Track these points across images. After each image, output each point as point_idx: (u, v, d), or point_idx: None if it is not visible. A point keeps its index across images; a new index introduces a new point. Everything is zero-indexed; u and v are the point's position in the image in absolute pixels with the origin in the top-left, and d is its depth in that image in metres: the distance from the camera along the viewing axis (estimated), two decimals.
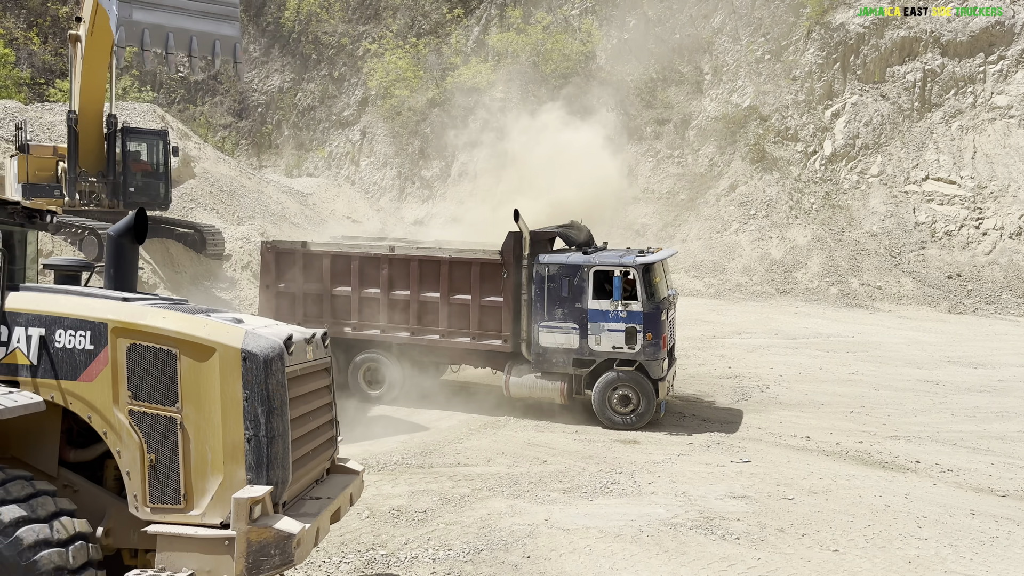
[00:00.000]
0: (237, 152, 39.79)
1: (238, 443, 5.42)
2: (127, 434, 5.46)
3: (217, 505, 5.40)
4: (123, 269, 6.50)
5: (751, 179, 34.10)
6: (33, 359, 5.60)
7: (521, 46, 37.84)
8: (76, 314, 5.61)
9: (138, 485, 5.44)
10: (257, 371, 5.45)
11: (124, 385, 5.50)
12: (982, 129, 32.36)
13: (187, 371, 5.49)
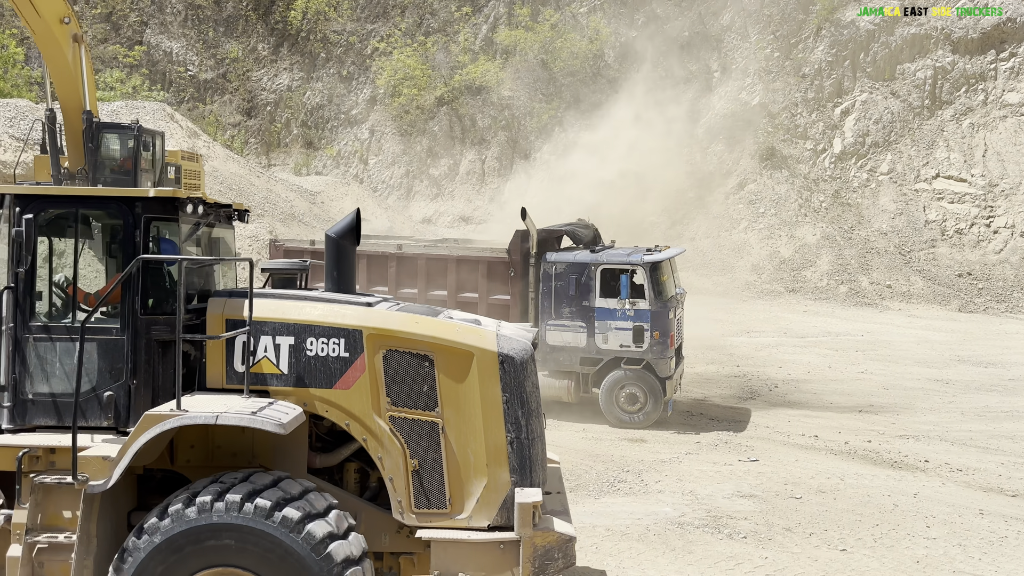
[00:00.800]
0: (246, 151, 39.92)
1: (500, 446, 5.44)
2: (388, 440, 5.45)
3: (483, 508, 5.42)
4: (345, 271, 6.43)
5: (760, 177, 33.98)
6: (283, 368, 5.53)
7: (529, 44, 37.80)
8: (328, 322, 5.56)
9: (403, 490, 5.44)
10: (515, 373, 5.49)
11: (383, 392, 5.50)
12: (993, 127, 32.15)
13: (444, 376, 5.50)
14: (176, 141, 24.75)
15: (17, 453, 5.26)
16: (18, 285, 5.49)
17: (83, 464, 5.09)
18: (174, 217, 5.79)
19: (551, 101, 37.42)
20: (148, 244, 5.64)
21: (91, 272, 6.59)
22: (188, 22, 42.71)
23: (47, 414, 5.57)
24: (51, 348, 5.60)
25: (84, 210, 5.81)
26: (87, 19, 41.56)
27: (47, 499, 5.22)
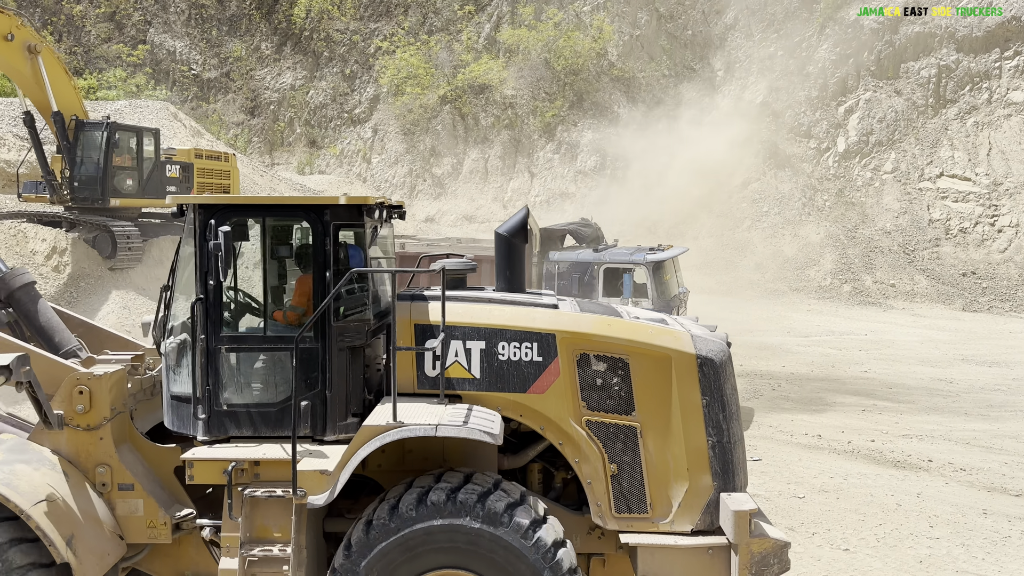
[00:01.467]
0: (249, 150, 39.96)
1: (701, 450, 5.40)
2: (586, 445, 5.42)
3: (685, 513, 5.40)
4: (516, 270, 6.36)
5: (764, 176, 33.92)
6: (475, 372, 5.50)
7: (532, 43, 37.78)
8: (519, 326, 5.52)
9: (602, 495, 5.42)
10: (715, 376, 5.43)
11: (578, 396, 5.46)
12: (997, 125, 32.05)
13: (641, 379, 5.45)
14: (180, 140, 24.77)
15: (223, 466, 5.30)
16: (208, 296, 5.47)
17: (300, 478, 5.11)
18: (360, 223, 5.77)
19: (554, 100, 37.39)
20: (337, 251, 5.60)
21: (252, 279, 6.50)
22: (191, 21, 42.77)
23: (241, 425, 5.58)
24: (243, 358, 5.60)
25: (271, 219, 5.80)
26: (91, 18, 41.66)
27: (254, 511, 5.26)
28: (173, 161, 19.66)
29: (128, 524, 5.63)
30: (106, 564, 5.50)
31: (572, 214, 34.95)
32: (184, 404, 5.62)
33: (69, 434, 5.62)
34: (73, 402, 5.57)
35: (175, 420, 5.74)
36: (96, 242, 17.21)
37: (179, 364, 5.67)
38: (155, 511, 5.64)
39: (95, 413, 5.60)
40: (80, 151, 17.56)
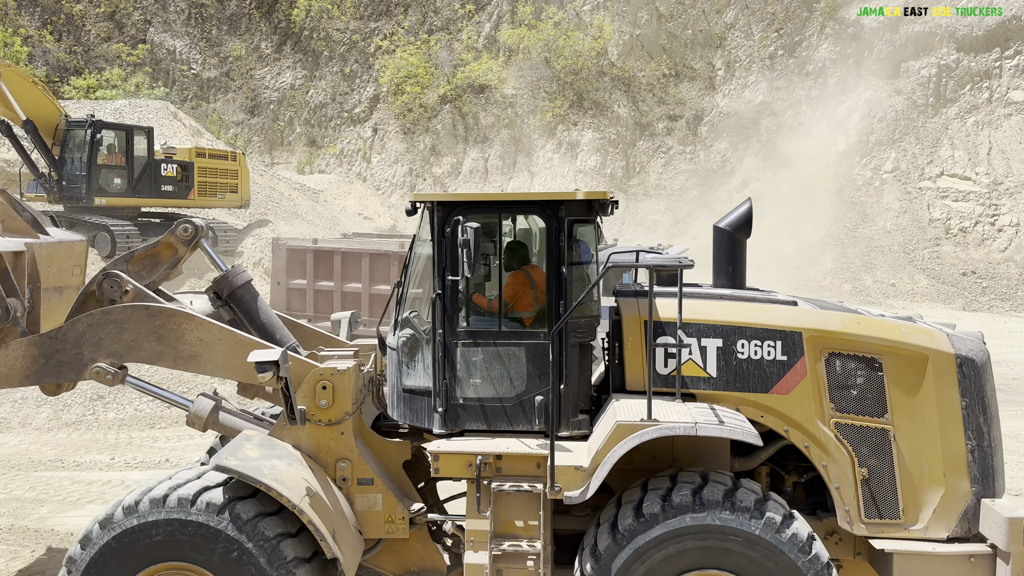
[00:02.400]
0: (249, 149, 39.95)
1: (959, 454, 5.26)
2: (835, 448, 5.29)
3: (941, 519, 5.26)
4: (739, 265, 6.27)
5: (764, 175, 33.91)
6: (711, 371, 5.43)
7: (532, 42, 37.76)
8: (760, 323, 5.42)
9: (851, 500, 5.31)
10: (975, 377, 5.29)
11: (826, 397, 5.32)
12: (998, 125, 32.04)
13: (894, 380, 5.30)
14: (179, 139, 24.76)
15: (469, 460, 5.32)
16: (446, 292, 5.52)
17: (556, 474, 5.11)
18: (592, 218, 5.80)
19: (554, 99, 37.38)
20: (572, 247, 5.62)
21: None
22: (191, 20, 42.75)
23: (477, 419, 5.60)
24: (478, 353, 5.60)
25: (507, 214, 5.85)
26: (91, 17, 41.65)
27: (500, 505, 5.28)
28: (171, 160, 19.57)
29: (367, 519, 5.66)
30: (357, 559, 5.56)
31: None
32: (418, 397, 5.68)
33: (310, 429, 5.63)
34: (316, 397, 5.59)
35: (407, 413, 5.79)
36: (95, 241, 17.18)
37: (413, 358, 5.72)
38: (393, 505, 5.66)
39: (338, 408, 5.63)
40: (65, 150, 17.54)
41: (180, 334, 5.83)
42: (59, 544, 8.27)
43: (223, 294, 6.57)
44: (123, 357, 5.88)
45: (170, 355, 5.86)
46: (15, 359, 5.84)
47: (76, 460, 10.95)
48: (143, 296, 6.16)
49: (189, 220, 6.60)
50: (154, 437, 12.15)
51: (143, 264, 6.57)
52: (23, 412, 12.76)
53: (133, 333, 5.82)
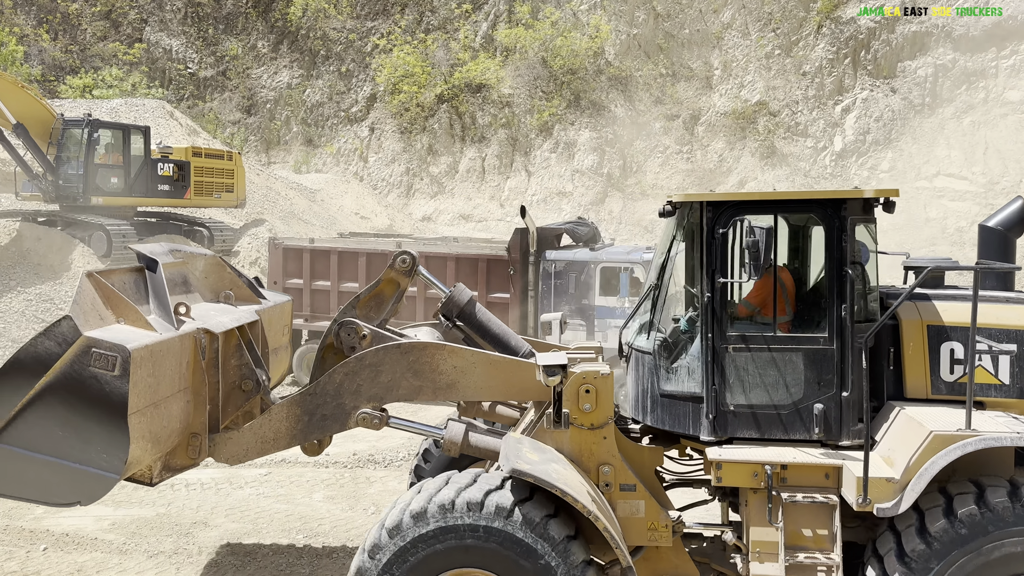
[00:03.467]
0: (245, 148, 39.89)
1: None
2: None
3: None
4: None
5: (761, 175, 33.94)
6: (1003, 378, 5.27)
7: (529, 41, 37.75)
8: None
9: None
10: None
11: None
12: (994, 124, 32.09)
13: None
14: (176, 139, 24.70)
15: (753, 469, 5.26)
16: (715, 295, 5.43)
17: (859, 485, 5.01)
18: (872, 217, 5.68)
19: (551, 99, 37.37)
20: (853, 247, 5.47)
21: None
22: (188, 19, 42.68)
23: (748, 426, 5.51)
24: (752, 358, 5.50)
25: (783, 214, 5.70)
26: (86, 16, 41.55)
27: (791, 516, 5.22)
28: (167, 159, 19.53)
29: (629, 525, 5.57)
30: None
31: (569, 213, 34.96)
32: (679, 403, 5.61)
33: (572, 433, 5.57)
34: (580, 401, 5.53)
35: (666, 419, 5.73)
36: (91, 241, 17.14)
37: (674, 362, 5.66)
38: (656, 513, 5.57)
39: (600, 412, 5.56)
40: (61, 149, 17.47)
41: (435, 365, 5.79)
42: (54, 545, 8.25)
43: (452, 315, 6.58)
44: (384, 399, 5.88)
45: (428, 388, 5.83)
46: (279, 422, 5.86)
47: None
48: (380, 337, 6.17)
49: (406, 252, 6.56)
50: None
51: (369, 306, 6.60)
52: None
53: (389, 374, 5.80)
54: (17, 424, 4.93)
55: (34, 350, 4.93)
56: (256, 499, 9.49)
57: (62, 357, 4.87)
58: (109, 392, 4.83)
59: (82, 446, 4.90)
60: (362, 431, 12.42)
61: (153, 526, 8.69)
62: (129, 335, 5.06)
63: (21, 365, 4.94)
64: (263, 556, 7.99)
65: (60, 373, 4.88)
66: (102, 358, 4.83)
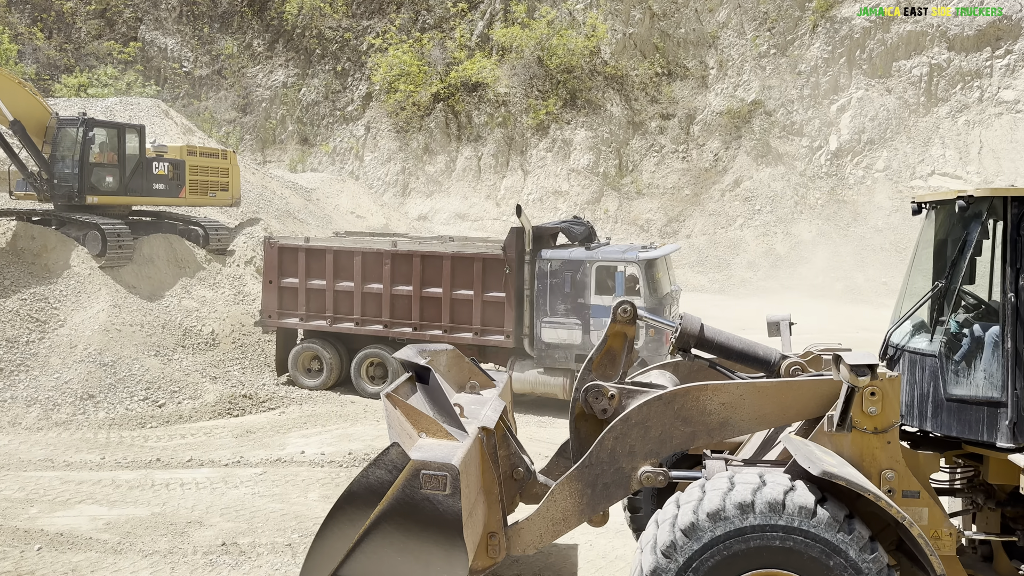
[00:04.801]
0: (241, 147, 39.82)
1: None
2: None
3: None
4: None
5: (756, 174, 33.99)
6: None
7: (525, 41, 37.75)
8: None
9: None
10: None
11: None
12: (989, 124, 32.18)
13: None
14: (171, 137, 24.64)
15: None
16: (1019, 295, 5.26)
17: None
18: None
19: (547, 98, 37.37)
20: None
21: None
22: (183, 18, 42.58)
23: None
24: None
25: None
26: (81, 15, 41.43)
27: None
28: (162, 158, 19.49)
29: None
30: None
31: (565, 212, 34.98)
32: (971, 408, 5.42)
33: (854, 437, 5.45)
34: (865, 404, 5.40)
35: (952, 424, 5.55)
36: (86, 240, 17.09)
37: (965, 366, 5.46)
38: (939, 520, 5.43)
39: (885, 416, 5.41)
40: (56, 148, 17.42)
41: (702, 407, 5.68)
42: (49, 544, 8.23)
43: (690, 347, 6.40)
44: (659, 454, 5.77)
45: (702, 432, 5.71)
46: (563, 500, 5.80)
47: (66, 460, 10.89)
48: (628, 393, 6.13)
49: (625, 301, 6.52)
50: (145, 436, 12.10)
51: (604, 364, 6.53)
52: (12, 412, 12.68)
53: (659, 427, 5.72)
54: (356, 556, 4.97)
55: (366, 480, 4.99)
56: (251, 498, 9.48)
57: (393, 484, 4.94)
58: (443, 512, 4.89)
59: (422, 569, 4.96)
60: (359, 428, 12.43)
61: (148, 525, 8.67)
62: (444, 450, 5.14)
63: (355, 497, 4.99)
64: (258, 555, 7.98)
65: (393, 500, 4.95)
66: (433, 479, 4.91)
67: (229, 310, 16.99)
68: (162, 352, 14.91)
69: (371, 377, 14.57)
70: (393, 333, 14.18)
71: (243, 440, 11.92)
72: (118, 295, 15.96)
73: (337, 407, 13.84)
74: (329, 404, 14.03)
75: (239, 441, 11.87)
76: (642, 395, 6.05)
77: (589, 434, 6.23)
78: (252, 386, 14.78)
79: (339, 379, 14.89)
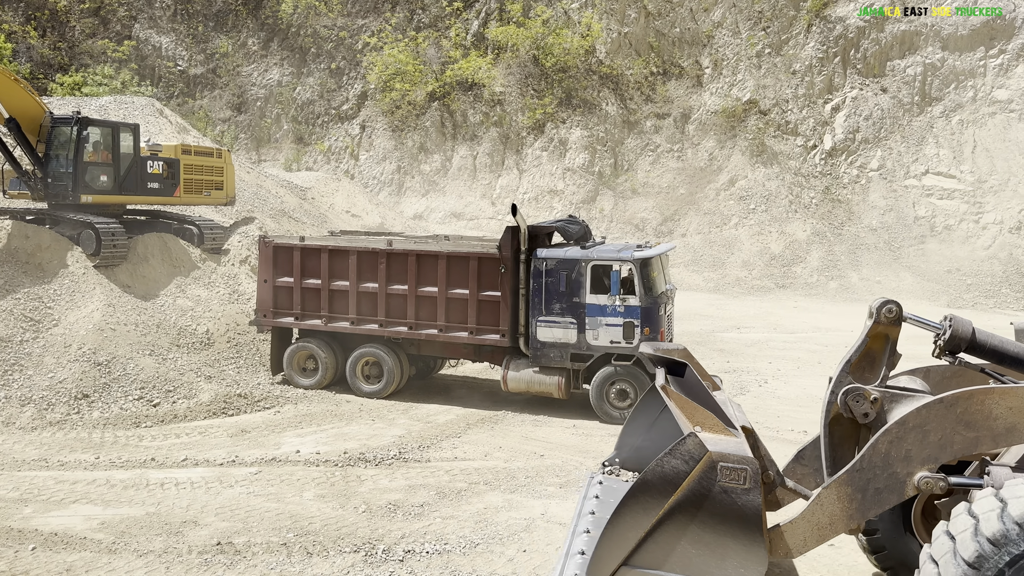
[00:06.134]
0: (236, 146, 39.74)
1: None
2: None
3: None
4: None
5: (751, 173, 34.05)
6: None
7: (521, 40, 37.75)
8: None
9: None
10: None
11: None
12: (982, 123, 32.30)
13: None
14: (165, 136, 24.58)
15: None
16: None
17: None
18: None
19: (543, 97, 37.38)
20: None
21: None
22: (177, 17, 42.46)
23: None
24: None
25: None
26: (75, 13, 41.28)
27: None
28: (157, 157, 19.43)
29: None
30: None
31: (560, 211, 35.00)
32: None
33: None
34: None
35: None
36: (80, 239, 17.04)
37: None
38: None
39: None
40: (50, 147, 17.34)
41: (987, 412, 5.46)
42: (43, 544, 8.21)
43: (960, 349, 6.14)
44: (937, 459, 5.58)
45: (986, 438, 5.51)
46: (831, 505, 5.62)
47: (60, 459, 10.87)
48: (892, 396, 5.97)
49: (890, 301, 6.27)
50: (139, 436, 12.08)
51: (862, 367, 6.37)
52: (7, 411, 12.65)
53: (938, 432, 5.52)
54: (648, 545, 4.93)
55: (661, 469, 4.95)
56: (246, 498, 9.48)
57: (689, 475, 4.90)
58: (742, 506, 4.84)
59: (718, 563, 4.91)
60: (354, 428, 12.43)
61: (143, 525, 8.66)
62: (733, 444, 5.07)
63: (649, 486, 4.97)
64: (253, 555, 7.98)
65: (689, 491, 4.91)
66: (731, 472, 4.87)
67: (224, 309, 16.96)
68: (157, 351, 14.88)
69: (366, 376, 14.57)
70: (388, 332, 14.18)
71: (238, 439, 11.91)
72: (112, 294, 15.92)
73: (332, 406, 13.83)
74: (324, 403, 14.02)
75: (234, 440, 11.86)
76: (909, 399, 5.85)
77: (844, 438, 6.09)
78: (247, 385, 14.77)
79: (334, 378, 14.88)
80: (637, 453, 7.42)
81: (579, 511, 6.45)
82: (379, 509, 9.16)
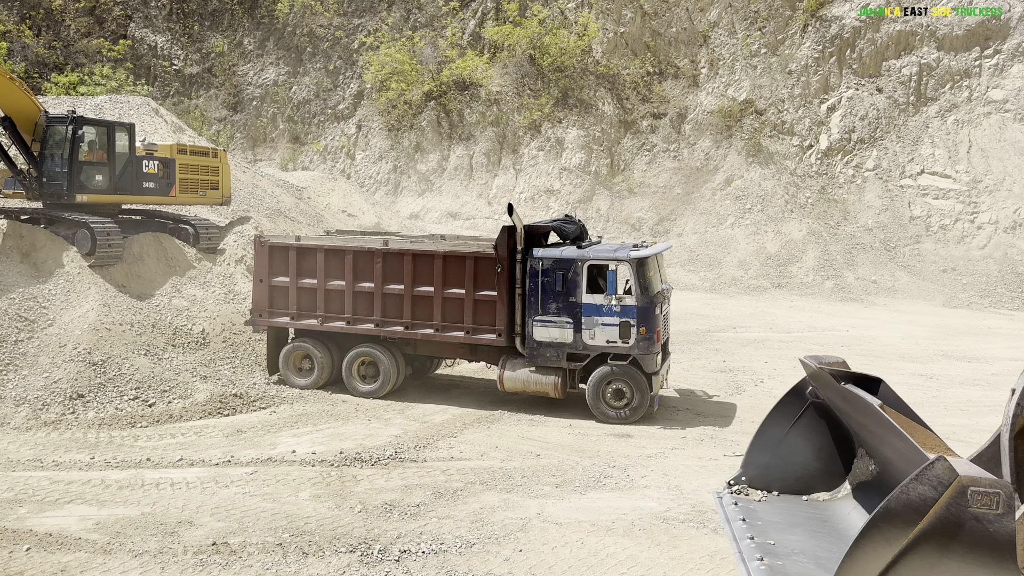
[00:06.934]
0: (232, 146, 39.66)
1: None
2: None
3: None
4: None
5: (747, 173, 34.09)
6: None
7: (517, 39, 37.74)
8: None
9: None
10: None
11: None
12: (977, 123, 32.38)
13: None
14: (161, 136, 24.52)
15: None
16: None
17: None
18: None
19: (539, 97, 37.38)
20: None
21: None
22: (173, 16, 42.37)
23: None
24: None
25: None
26: (70, 12, 41.15)
27: None
28: (152, 157, 19.37)
29: None
30: None
31: (557, 211, 34.99)
32: None
33: None
34: None
35: None
36: (75, 239, 16.99)
37: None
38: None
39: None
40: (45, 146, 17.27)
41: None
42: (37, 545, 8.19)
43: None
44: None
45: None
46: None
47: (55, 460, 10.84)
48: None
49: None
50: (135, 436, 12.05)
51: None
52: (1, 411, 12.61)
53: None
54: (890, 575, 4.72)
55: (906, 497, 4.75)
56: (242, 498, 9.46)
57: (937, 502, 4.70)
58: (993, 532, 4.60)
59: None
60: (350, 428, 12.41)
61: (138, 525, 8.64)
62: (968, 466, 4.82)
63: (893, 514, 4.76)
64: (249, 555, 7.97)
65: (935, 518, 4.70)
66: (983, 496, 4.63)
67: (220, 309, 16.93)
68: (152, 351, 14.85)
69: (362, 376, 14.55)
70: (384, 332, 14.17)
71: (234, 439, 11.88)
72: (108, 294, 15.87)
73: (328, 406, 13.81)
74: (320, 403, 14.00)
75: (230, 440, 11.83)
76: None
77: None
78: (243, 385, 14.74)
79: (330, 378, 14.86)
80: (765, 471, 7.21)
81: (732, 535, 6.20)
82: (375, 509, 9.15)
